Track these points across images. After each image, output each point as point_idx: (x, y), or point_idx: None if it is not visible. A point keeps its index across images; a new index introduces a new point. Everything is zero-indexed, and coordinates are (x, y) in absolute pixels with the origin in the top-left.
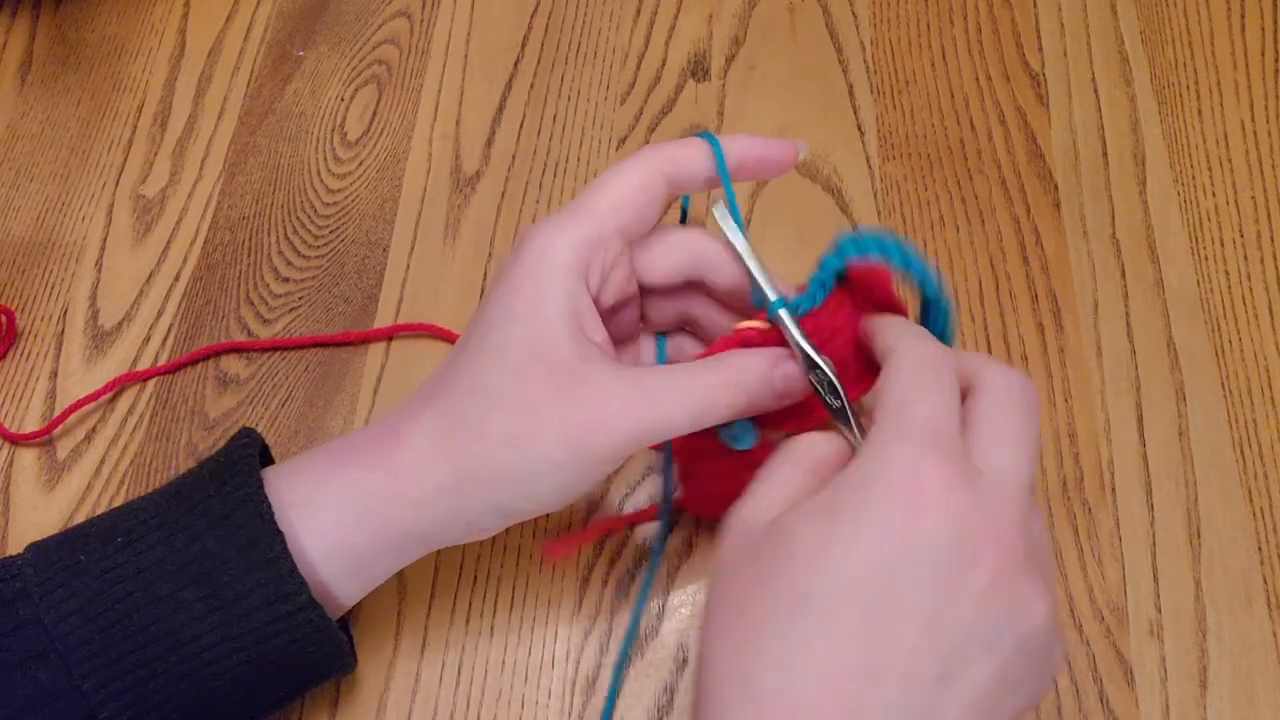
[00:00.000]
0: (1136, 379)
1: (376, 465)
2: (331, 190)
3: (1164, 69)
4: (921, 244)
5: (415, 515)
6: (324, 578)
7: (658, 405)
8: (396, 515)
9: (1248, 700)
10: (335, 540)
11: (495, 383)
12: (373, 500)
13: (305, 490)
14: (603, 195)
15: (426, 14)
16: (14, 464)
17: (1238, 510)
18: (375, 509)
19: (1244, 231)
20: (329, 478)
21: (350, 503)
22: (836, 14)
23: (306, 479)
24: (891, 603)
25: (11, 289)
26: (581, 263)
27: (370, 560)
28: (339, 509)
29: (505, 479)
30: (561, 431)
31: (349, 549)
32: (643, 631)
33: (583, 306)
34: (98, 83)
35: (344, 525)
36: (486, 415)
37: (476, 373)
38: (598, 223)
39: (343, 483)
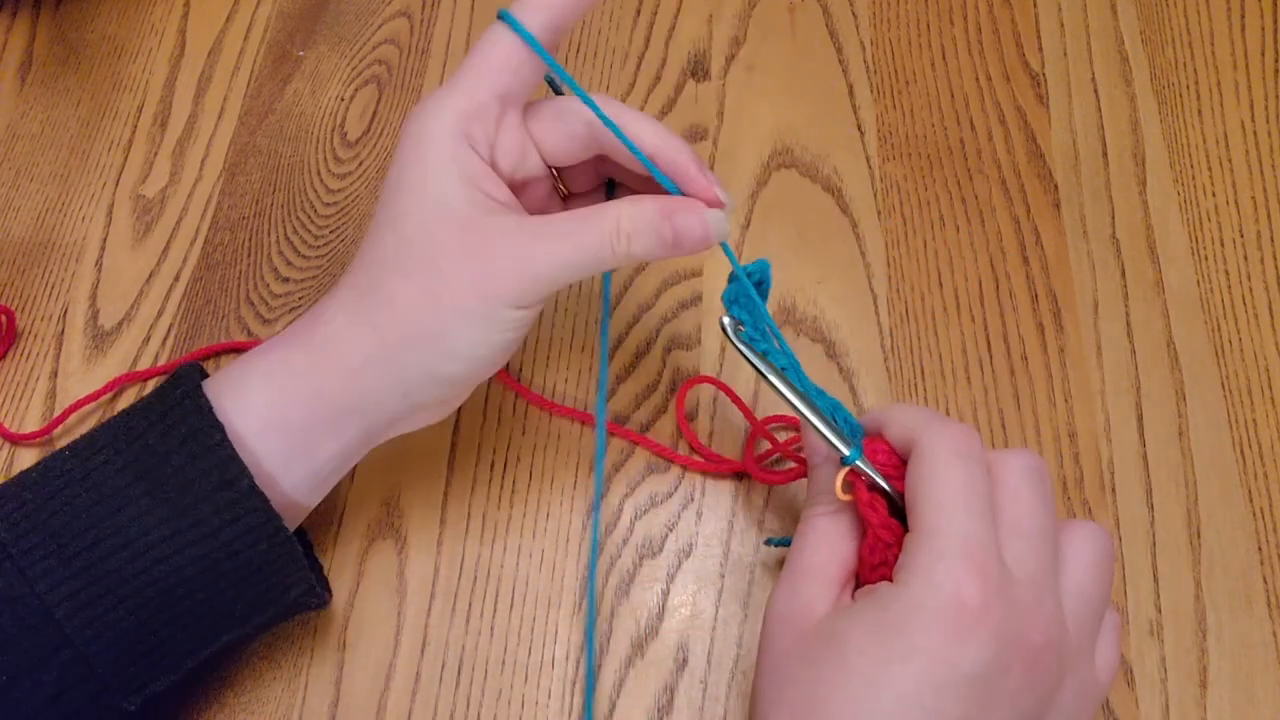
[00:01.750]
0: (1136, 379)
1: (298, 343)
2: (331, 190)
3: (1164, 69)
4: (921, 244)
5: (343, 386)
6: (269, 468)
7: (557, 249)
8: (324, 387)
9: (1248, 700)
10: (267, 418)
11: (398, 250)
12: (297, 375)
13: (235, 378)
14: (471, 64)
15: (426, 14)
16: (14, 464)
17: (1238, 510)
18: (300, 382)
19: (1244, 231)
20: (256, 361)
21: (275, 381)
22: (836, 14)
23: (237, 370)
24: (939, 714)
25: (11, 289)
26: (460, 129)
27: (308, 439)
28: (265, 389)
29: (422, 338)
30: (466, 280)
31: (283, 426)
32: (643, 631)
33: (473, 168)
34: (98, 83)
35: (272, 404)
36: (393, 279)
37: (377, 243)
38: (470, 91)
39: (268, 363)
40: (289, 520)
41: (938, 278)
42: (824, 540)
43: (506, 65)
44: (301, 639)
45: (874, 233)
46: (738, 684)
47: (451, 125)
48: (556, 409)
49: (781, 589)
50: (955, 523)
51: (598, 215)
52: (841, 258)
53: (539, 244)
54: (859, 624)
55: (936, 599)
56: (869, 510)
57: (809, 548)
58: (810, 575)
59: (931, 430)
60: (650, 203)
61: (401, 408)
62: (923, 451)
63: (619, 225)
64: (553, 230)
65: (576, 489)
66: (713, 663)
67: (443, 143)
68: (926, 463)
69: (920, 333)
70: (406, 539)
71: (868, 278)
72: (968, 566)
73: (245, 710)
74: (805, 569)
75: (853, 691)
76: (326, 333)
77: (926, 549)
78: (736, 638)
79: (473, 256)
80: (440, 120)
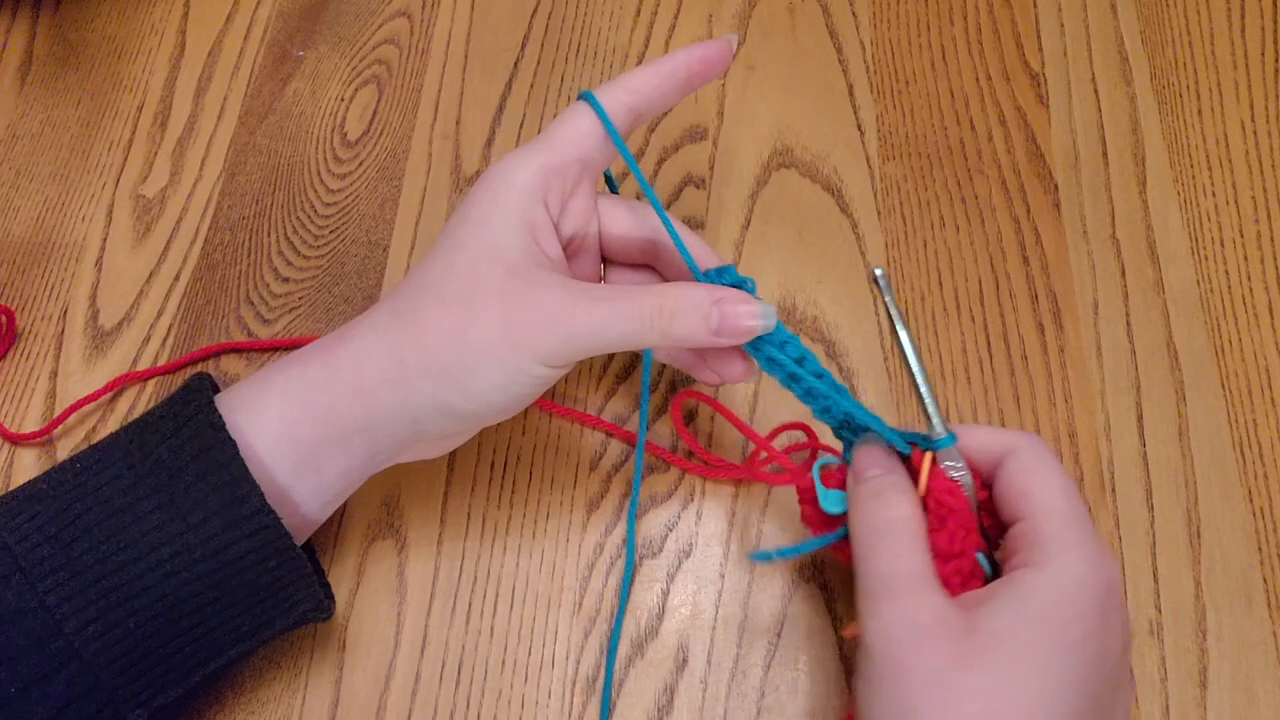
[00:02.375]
0: (1136, 379)
1: (319, 358)
2: (331, 190)
3: (1164, 69)
4: (921, 244)
5: (355, 404)
6: (281, 482)
7: (596, 314)
8: (338, 405)
9: (1248, 700)
10: (280, 432)
11: (441, 279)
12: (313, 390)
13: (252, 391)
14: (563, 127)
15: (426, 14)
16: (14, 464)
17: (1238, 510)
18: (315, 398)
19: (1244, 231)
20: (275, 376)
21: (292, 395)
22: (836, 14)
23: (254, 383)
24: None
25: (11, 289)
26: (540, 184)
27: (317, 456)
28: (282, 403)
29: (443, 370)
30: (499, 324)
31: (294, 441)
32: (643, 631)
33: (538, 220)
34: (98, 83)
35: (286, 419)
36: (428, 307)
37: (425, 272)
38: (558, 150)
39: (286, 377)
40: (298, 535)
41: (938, 278)
42: (913, 541)
43: (590, 134)
44: (301, 639)
45: (874, 233)
46: (738, 684)
47: (532, 176)
48: (558, 410)
49: (895, 604)
50: (1081, 508)
51: (643, 289)
52: (841, 258)
53: (578, 304)
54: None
55: (1095, 576)
56: (951, 497)
57: (902, 552)
58: (924, 581)
59: (1023, 435)
60: (700, 288)
61: (408, 435)
62: (1027, 447)
63: (663, 302)
64: (594, 295)
65: (576, 489)
66: (713, 663)
67: (518, 190)
68: (1036, 455)
69: (920, 333)
70: (406, 539)
71: (868, 278)
72: (1103, 546)
73: (245, 710)
74: (913, 576)
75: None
76: (351, 350)
77: (1070, 531)
78: (736, 638)
79: (510, 301)
80: (523, 169)
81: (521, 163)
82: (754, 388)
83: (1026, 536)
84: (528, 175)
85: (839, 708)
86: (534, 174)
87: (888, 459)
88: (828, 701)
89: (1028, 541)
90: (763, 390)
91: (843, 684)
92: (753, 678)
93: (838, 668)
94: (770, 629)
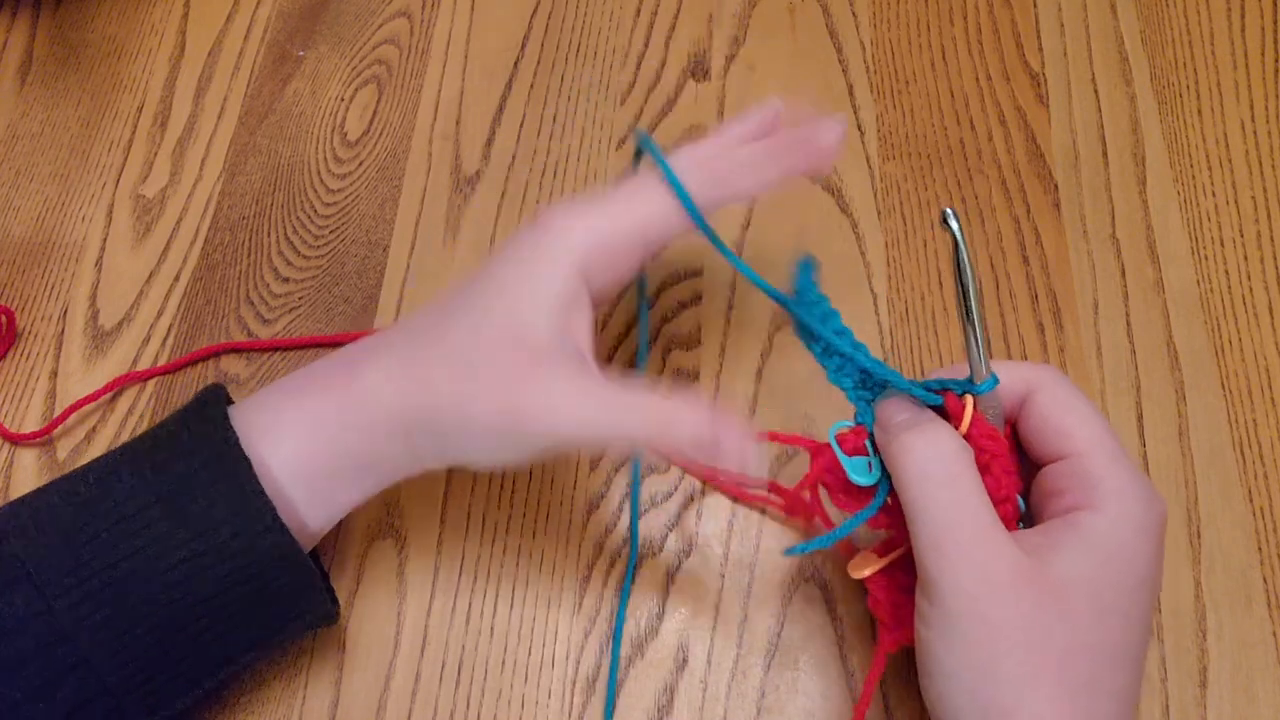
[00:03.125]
0: (1136, 379)
1: (335, 395)
2: (331, 190)
3: (1164, 69)
4: (921, 244)
5: (364, 443)
6: (291, 499)
7: (598, 419)
8: (351, 445)
9: (1248, 700)
10: (296, 465)
11: (460, 342)
12: (327, 425)
13: (268, 418)
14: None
15: (426, 14)
16: (14, 464)
17: (1238, 510)
18: (329, 434)
19: (1244, 231)
20: (289, 405)
21: (307, 428)
22: (836, 14)
23: (269, 410)
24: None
25: (11, 289)
26: (586, 259)
27: (330, 488)
28: (296, 435)
29: (443, 429)
30: (502, 405)
31: (308, 474)
32: (643, 631)
33: (574, 297)
34: (98, 83)
35: (301, 451)
36: (439, 368)
37: (448, 328)
38: (616, 226)
39: (301, 408)
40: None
41: (938, 278)
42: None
43: (663, 213)
44: (301, 639)
45: (874, 233)
46: (738, 684)
47: (580, 250)
48: None
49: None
50: (1119, 441)
51: (647, 400)
52: (841, 258)
53: (582, 407)
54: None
55: (1150, 509)
56: (993, 442)
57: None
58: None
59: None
60: (703, 410)
61: (414, 470)
62: (1058, 389)
63: (661, 414)
64: (600, 397)
65: (576, 489)
66: (713, 663)
67: (568, 265)
68: (1064, 389)
69: (920, 333)
70: (406, 539)
71: (868, 278)
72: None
73: (245, 710)
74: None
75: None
76: (366, 396)
77: (1119, 468)
78: (736, 638)
79: (516, 384)
80: (568, 240)
81: (574, 229)
82: (754, 389)
83: (1077, 476)
84: (575, 247)
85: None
86: (582, 248)
87: (914, 404)
88: (828, 701)
89: (1079, 481)
90: (762, 394)
91: (843, 684)
92: (753, 678)
93: (838, 668)
94: (770, 629)
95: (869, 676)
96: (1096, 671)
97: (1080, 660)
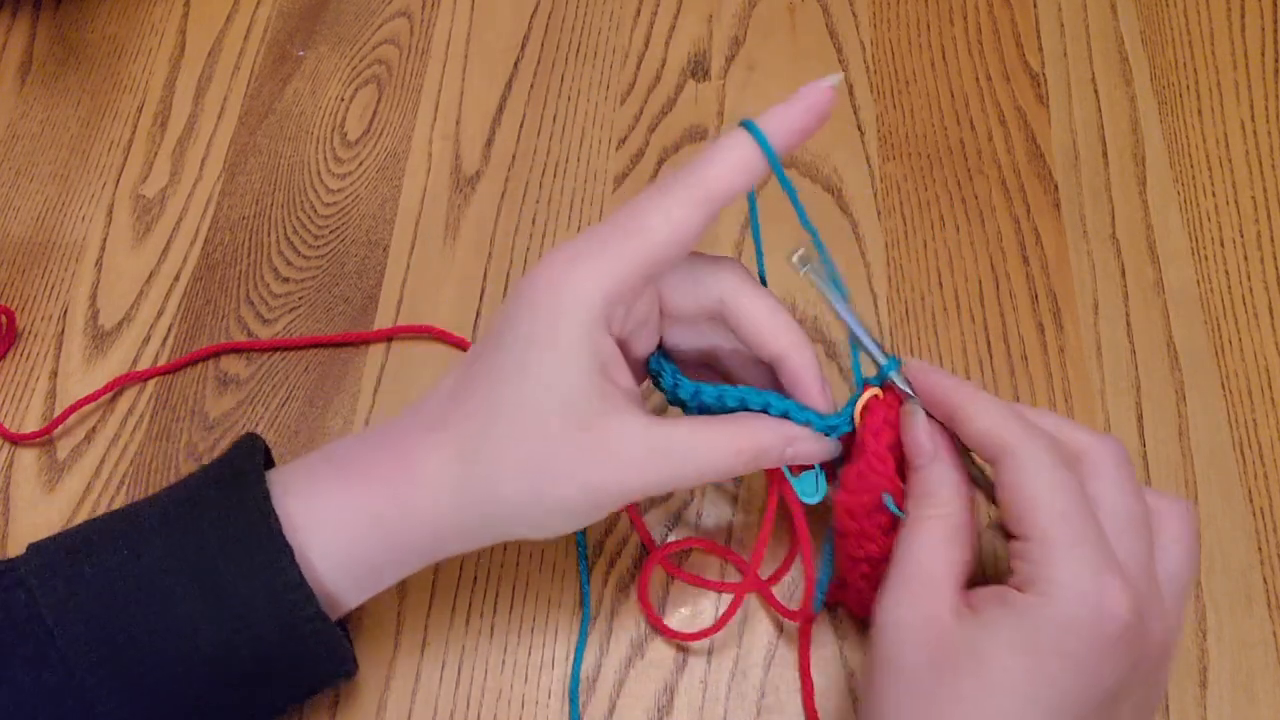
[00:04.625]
0: (1136, 379)
1: (387, 491)
2: (331, 190)
3: (1164, 69)
4: (921, 244)
5: (423, 539)
6: (328, 586)
7: (673, 466)
8: (406, 538)
9: (1248, 700)
10: (344, 555)
11: (512, 428)
12: (383, 524)
13: (314, 506)
14: (637, 232)
15: (426, 14)
16: (14, 464)
17: (1238, 510)
18: (385, 532)
19: (1244, 231)
20: (340, 495)
21: (363, 526)
22: (836, 14)
23: (316, 494)
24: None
25: (11, 289)
26: (607, 309)
27: (375, 572)
28: (350, 530)
29: (518, 521)
30: (577, 486)
31: (355, 564)
32: (643, 631)
33: (607, 354)
34: (98, 83)
35: (355, 545)
36: (503, 461)
37: (493, 406)
38: (628, 267)
39: (354, 503)
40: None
41: (938, 278)
42: (940, 545)
43: (671, 241)
44: None
45: (874, 233)
46: (738, 684)
47: (601, 302)
48: None
49: (901, 597)
50: (1087, 531)
51: (721, 438)
52: (841, 258)
53: (662, 463)
54: (1003, 639)
55: (1089, 614)
56: (871, 436)
57: (925, 553)
58: (932, 585)
59: (1026, 436)
60: (776, 429)
61: (468, 549)
62: (1024, 459)
63: (741, 449)
64: (671, 445)
65: None
66: (713, 663)
67: (582, 323)
68: (1032, 470)
69: (920, 333)
70: None
71: (868, 278)
72: (1114, 580)
73: None
74: (925, 578)
75: (999, 708)
76: (420, 496)
77: (1066, 560)
78: (737, 638)
79: (587, 460)
80: (593, 292)
81: (589, 282)
82: None
83: (1024, 556)
84: (594, 299)
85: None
86: (602, 296)
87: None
88: (828, 701)
89: (1025, 561)
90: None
91: (842, 684)
92: (753, 678)
93: (838, 668)
94: (770, 629)
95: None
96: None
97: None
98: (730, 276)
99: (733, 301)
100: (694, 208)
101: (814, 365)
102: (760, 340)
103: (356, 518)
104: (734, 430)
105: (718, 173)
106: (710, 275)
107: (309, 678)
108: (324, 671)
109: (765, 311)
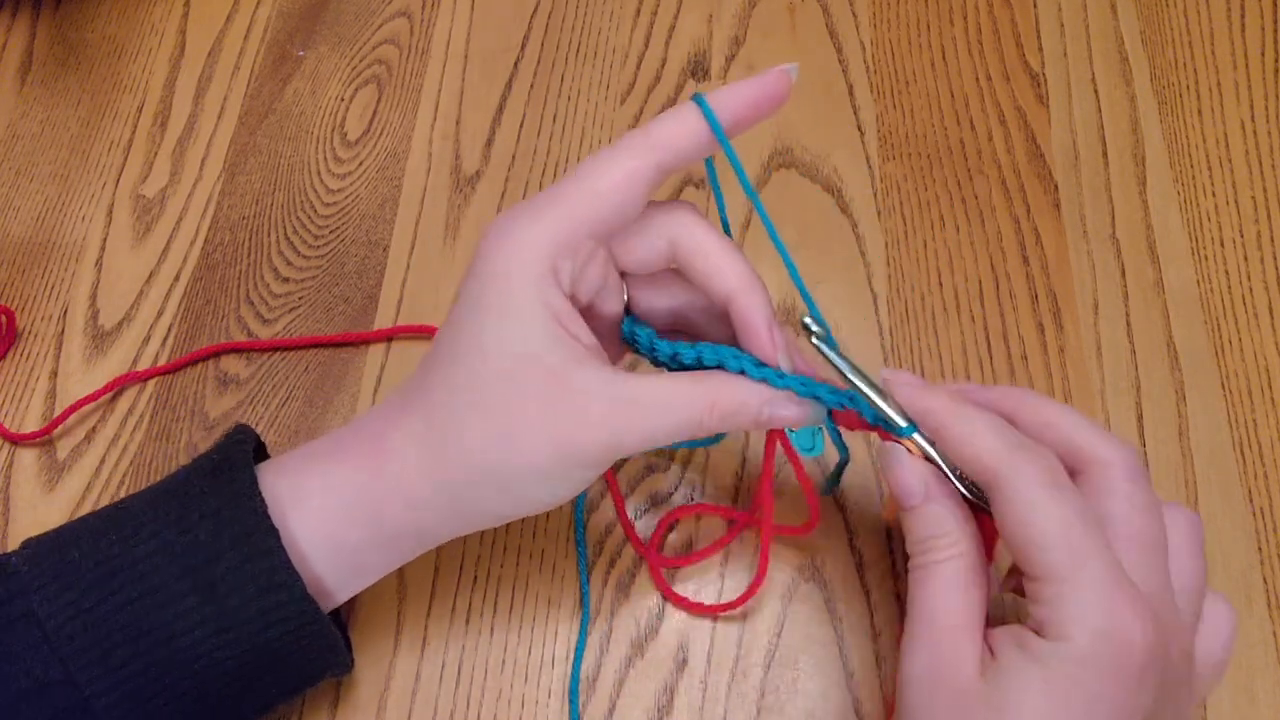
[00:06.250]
0: (1136, 379)
1: (366, 468)
2: (331, 190)
3: (1164, 69)
4: (921, 244)
5: (408, 514)
6: (318, 573)
7: (643, 419)
8: (389, 514)
9: (1248, 700)
10: (328, 537)
11: (471, 387)
12: (365, 500)
13: (298, 488)
14: (580, 190)
15: (426, 14)
16: (14, 464)
17: (1238, 510)
18: (367, 507)
19: (1244, 231)
20: (320, 476)
21: (343, 502)
22: (836, 14)
23: (299, 477)
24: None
25: (11, 289)
26: (548, 266)
27: (364, 556)
28: (332, 507)
29: (489, 483)
30: (543, 438)
31: (342, 546)
32: (643, 631)
33: (560, 307)
34: (98, 83)
35: (337, 523)
36: (468, 423)
37: (451, 373)
38: (571, 222)
39: (334, 481)
40: (327, 606)
41: (938, 278)
42: (951, 593)
43: (615, 196)
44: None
45: (874, 233)
46: (738, 684)
47: (543, 257)
48: None
49: (919, 647)
50: (1096, 563)
51: (694, 391)
52: (841, 258)
53: (630, 414)
54: (1028, 686)
55: (1110, 649)
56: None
57: (937, 603)
58: (949, 635)
59: (1016, 464)
60: (751, 391)
61: (461, 530)
62: (1018, 490)
63: (715, 403)
64: (641, 399)
65: None
66: (713, 663)
67: (529, 280)
68: (1027, 503)
69: (920, 333)
70: None
71: (868, 278)
72: (1130, 608)
73: None
74: (940, 629)
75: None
76: (396, 467)
77: (1078, 598)
78: (736, 638)
79: (554, 414)
80: (534, 247)
81: (530, 237)
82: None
83: (1036, 597)
84: (534, 261)
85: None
86: (544, 251)
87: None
88: (828, 701)
89: (1037, 604)
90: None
91: (842, 683)
92: (753, 678)
93: (838, 668)
94: (770, 629)
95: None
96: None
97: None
98: (681, 216)
99: (683, 242)
100: (638, 161)
101: (763, 307)
102: (709, 281)
103: (338, 493)
104: (710, 384)
105: (664, 137)
106: (661, 217)
107: (300, 667)
108: (315, 661)
109: (715, 249)
